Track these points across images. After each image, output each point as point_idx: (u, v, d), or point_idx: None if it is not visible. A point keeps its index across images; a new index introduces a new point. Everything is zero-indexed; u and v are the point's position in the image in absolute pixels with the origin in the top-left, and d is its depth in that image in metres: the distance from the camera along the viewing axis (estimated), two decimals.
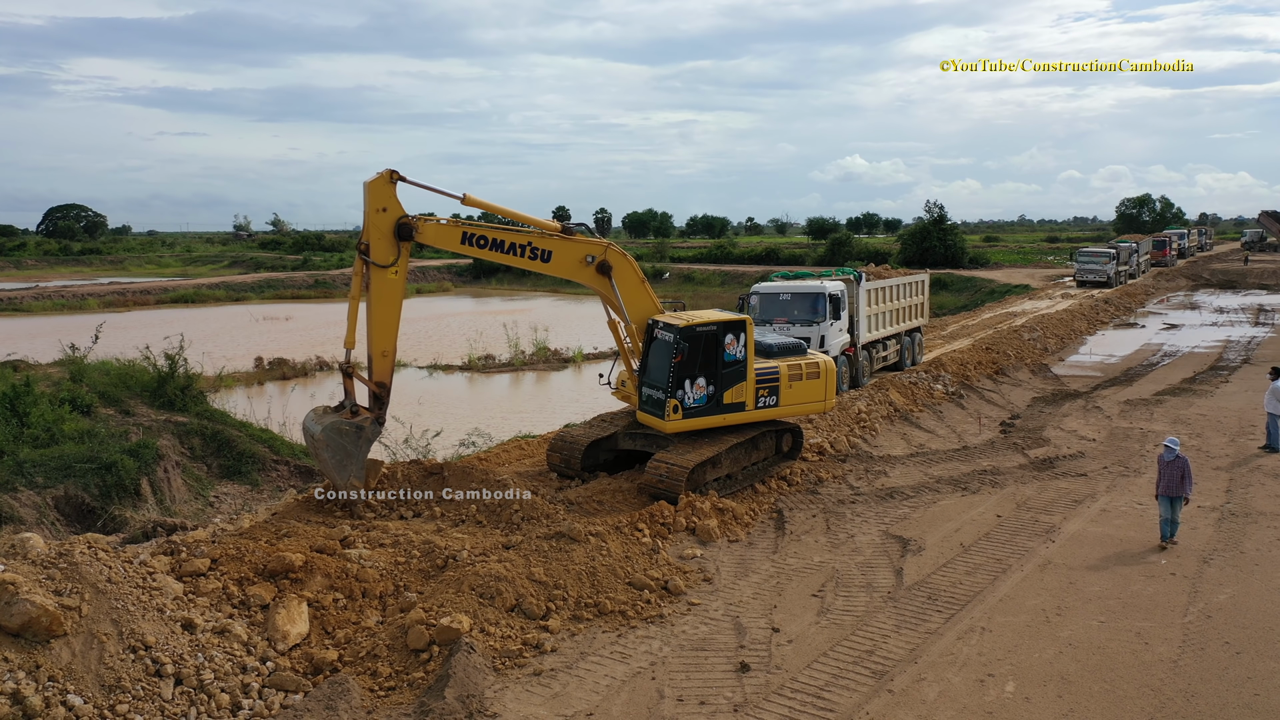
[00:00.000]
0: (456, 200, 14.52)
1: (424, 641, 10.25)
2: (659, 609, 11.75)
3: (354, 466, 14.03)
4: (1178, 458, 14.13)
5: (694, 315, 16.08)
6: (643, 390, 16.03)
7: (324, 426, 14.02)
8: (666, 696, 9.74)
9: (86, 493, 18.65)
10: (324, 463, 14.04)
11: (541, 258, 15.26)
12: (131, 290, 73.57)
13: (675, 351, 15.14)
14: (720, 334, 15.58)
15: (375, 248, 13.95)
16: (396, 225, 13.99)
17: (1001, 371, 29.46)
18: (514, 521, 13.76)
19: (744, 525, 15.00)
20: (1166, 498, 14.24)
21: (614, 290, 15.72)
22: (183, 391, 25.07)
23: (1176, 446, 14.18)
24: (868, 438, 20.67)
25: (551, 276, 16.07)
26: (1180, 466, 14.08)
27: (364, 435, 14.17)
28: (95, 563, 9.60)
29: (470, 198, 14.53)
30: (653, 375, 15.76)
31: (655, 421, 15.73)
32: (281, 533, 12.50)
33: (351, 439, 14.02)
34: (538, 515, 13.77)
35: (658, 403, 15.57)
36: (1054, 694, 9.87)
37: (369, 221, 13.93)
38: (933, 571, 13.23)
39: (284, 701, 9.35)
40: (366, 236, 13.96)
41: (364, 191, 13.95)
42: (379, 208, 13.93)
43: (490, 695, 9.63)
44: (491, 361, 40.42)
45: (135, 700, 8.70)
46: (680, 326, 15.26)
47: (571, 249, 15.49)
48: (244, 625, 10.28)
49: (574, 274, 15.60)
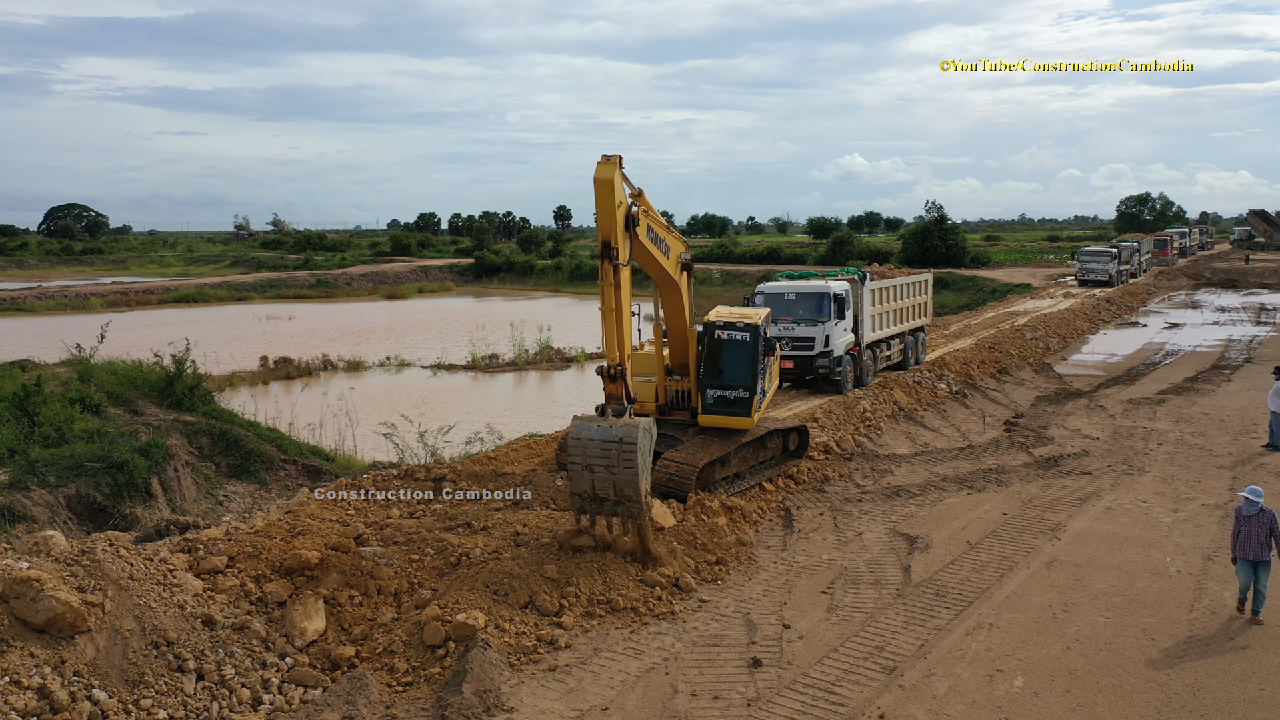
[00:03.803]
0: (631, 193, 13.28)
1: (440, 638, 10.39)
2: (670, 606, 11.88)
3: (647, 473, 12.53)
4: (1262, 510, 11.34)
5: (745, 313, 17.09)
6: (707, 393, 16.22)
7: (639, 428, 12.15)
8: (680, 691, 9.87)
9: (98, 492, 18.79)
10: (631, 469, 12.08)
11: (666, 253, 14.76)
12: (134, 290, 73.80)
13: (766, 348, 16.41)
14: (764, 329, 16.69)
15: (621, 246, 12.48)
16: (627, 216, 12.75)
17: (1004, 371, 29.59)
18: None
19: (752, 523, 15.13)
20: (1248, 562, 11.44)
21: (689, 288, 15.92)
22: (190, 391, 25.20)
23: (1260, 498, 11.37)
24: (873, 436, 20.80)
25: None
26: (1268, 522, 11.30)
27: (652, 437, 12.75)
28: (117, 560, 9.74)
29: (644, 195, 13.57)
30: (731, 375, 16.18)
31: (737, 421, 16.13)
32: (296, 530, 12.63)
33: (649, 440, 12.52)
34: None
35: (739, 401, 16.06)
36: (1062, 689, 10.00)
37: (612, 219, 12.35)
38: (940, 569, 13.36)
39: (304, 697, 9.49)
40: (612, 238, 12.32)
41: (598, 189, 12.29)
42: (620, 201, 12.52)
43: (506, 690, 9.76)
44: (495, 361, 40.55)
45: (158, 695, 8.84)
46: (758, 325, 16.28)
47: (678, 244, 15.42)
48: (262, 622, 10.43)
49: (674, 270, 15.15)
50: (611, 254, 12.26)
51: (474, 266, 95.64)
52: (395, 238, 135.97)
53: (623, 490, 12.10)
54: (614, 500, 12.21)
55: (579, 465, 12.28)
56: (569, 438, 12.40)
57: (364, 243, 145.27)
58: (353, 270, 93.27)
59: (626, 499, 12.14)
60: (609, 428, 12.13)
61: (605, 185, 12.25)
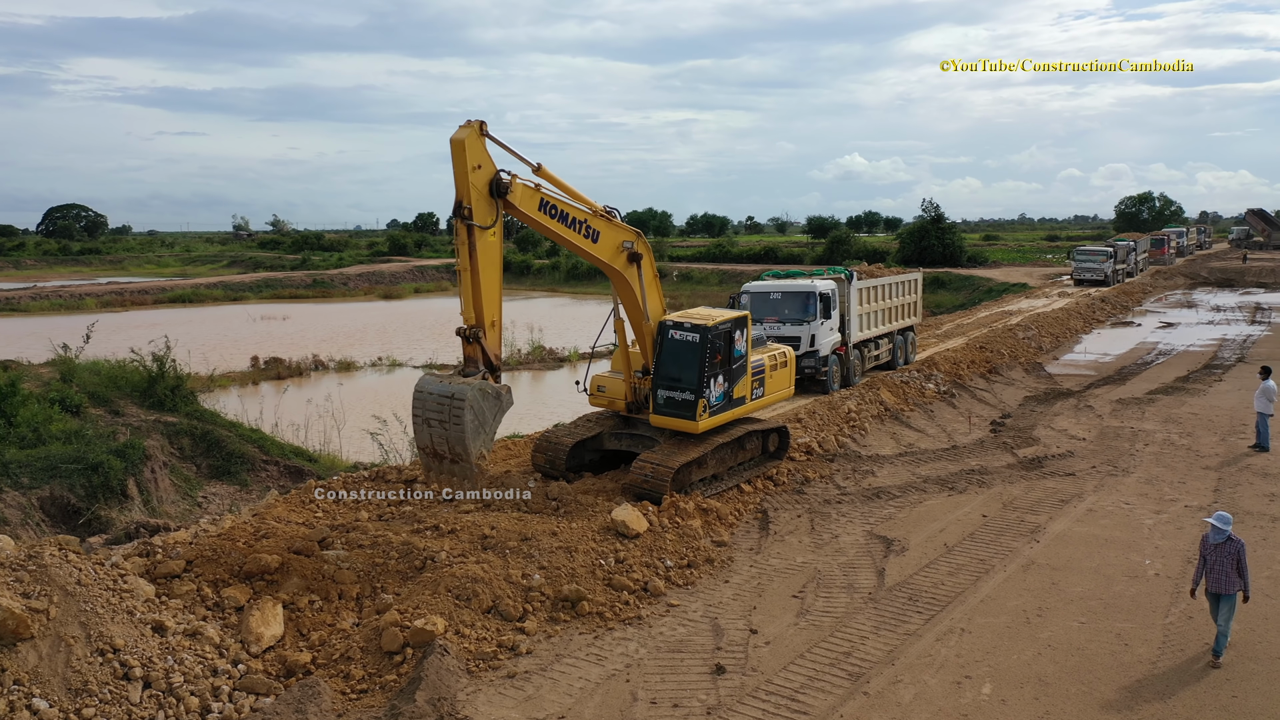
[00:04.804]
0: (529, 167, 13.95)
1: (398, 644, 10.19)
2: (637, 610, 11.69)
3: (485, 436, 13.11)
4: (1230, 539, 10.39)
5: (708, 314, 16.18)
6: (658, 393, 15.78)
7: (472, 388, 12.91)
8: (640, 699, 9.68)
9: (72, 493, 18.62)
10: (462, 426, 12.79)
11: (592, 238, 14.90)
12: (129, 290, 73.57)
13: (711, 351, 15.20)
14: (732, 331, 15.76)
15: (477, 208, 13.10)
16: (492, 182, 13.30)
17: (995, 370, 29.38)
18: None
19: (728, 526, 14.94)
20: (1214, 594, 10.46)
21: (640, 281, 15.63)
22: (173, 392, 25.02)
23: (1228, 525, 10.39)
24: (857, 437, 20.59)
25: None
26: (1234, 552, 10.36)
27: (502, 403, 13.40)
28: (65, 565, 9.54)
29: (544, 168, 13.98)
30: (676, 377, 15.45)
31: (682, 424, 15.41)
32: (260, 534, 12.43)
33: (493, 404, 13.14)
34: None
35: (685, 404, 15.31)
36: (1031, 696, 9.80)
37: (465, 181, 13.03)
38: (915, 572, 13.17)
39: (254, 705, 9.29)
40: (465, 198, 13.04)
41: (453, 149, 12.99)
42: (475, 164, 13.06)
43: (462, 698, 9.57)
44: None
45: (102, 704, 8.65)
46: (709, 326, 15.30)
47: (616, 233, 15.32)
48: (217, 628, 10.24)
49: (612, 259, 15.25)
50: (462, 213, 12.93)
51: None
52: (393, 238, 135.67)
53: (454, 447, 12.68)
54: (449, 458, 12.76)
55: (420, 419, 13.24)
56: (414, 390, 13.21)
57: (362, 243, 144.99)
58: (349, 270, 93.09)
59: (458, 456, 12.63)
60: (448, 384, 12.87)
61: (457, 145, 12.90)
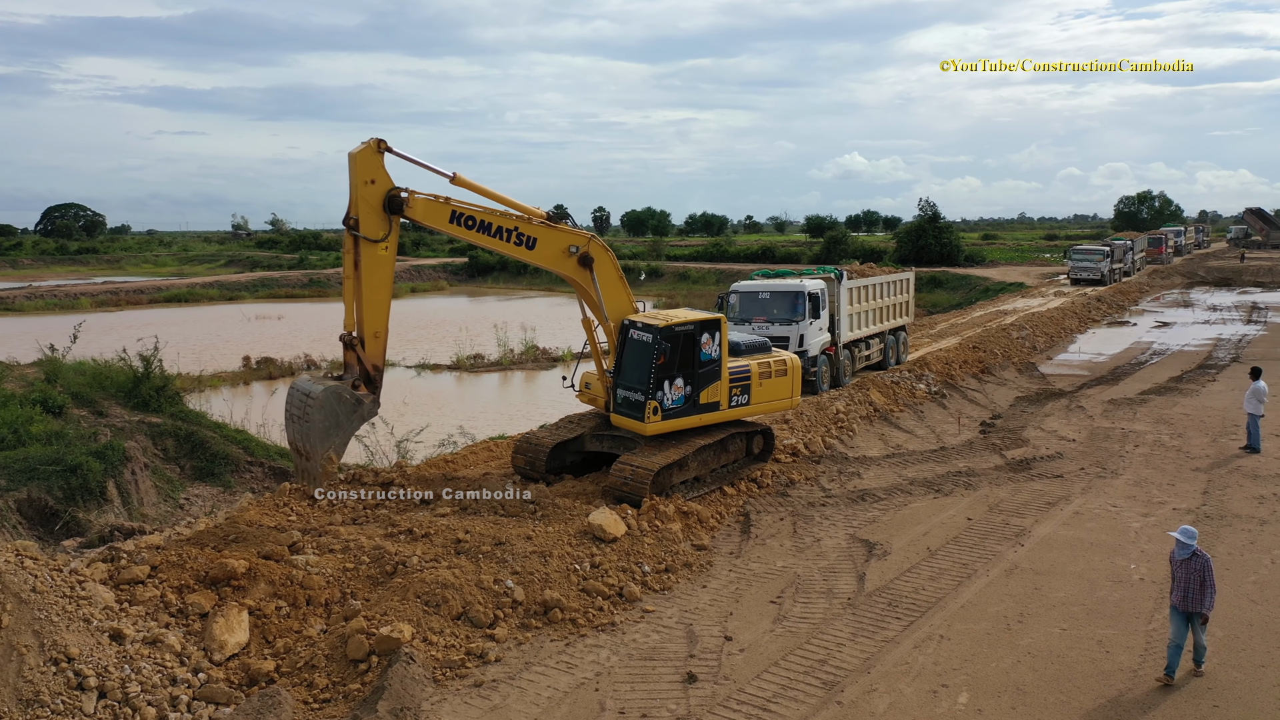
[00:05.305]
0: (445, 179, 14.12)
1: (363, 652, 9.99)
2: (611, 617, 11.49)
3: (338, 439, 13.62)
4: (1195, 554, 9.97)
5: (670, 315, 15.75)
6: (618, 392, 15.64)
7: (325, 388, 13.51)
8: (608, 709, 9.47)
9: (50, 495, 18.39)
10: (310, 425, 13.42)
11: (527, 244, 14.88)
12: (125, 290, 73.34)
13: (657, 352, 14.74)
14: (697, 333, 15.28)
15: (365, 222, 13.45)
16: (386, 198, 13.52)
17: (987, 370, 29.17)
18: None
19: (709, 529, 14.73)
20: (1180, 613, 10.03)
21: (594, 284, 15.43)
22: (158, 392, 24.81)
23: (1193, 540, 9.97)
24: (844, 438, 20.38)
25: (543, 272, 15.98)
26: (1199, 568, 9.95)
27: (361, 411, 13.91)
28: (20, 571, 9.34)
29: (460, 177, 14.12)
30: (630, 377, 15.24)
31: (634, 424, 15.19)
32: (229, 538, 12.24)
33: (349, 409, 13.62)
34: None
35: (636, 405, 15.10)
36: (1008, 705, 9.60)
37: (356, 194, 13.34)
38: (896, 577, 12.96)
39: (213, 714, 9.09)
40: (354, 210, 13.42)
41: (349, 162, 13.40)
42: (367, 179, 13.43)
43: (427, 708, 9.37)
44: (480, 361, 40.16)
45: (54, 715, 8.44)
46: (661, 327, 14.86)
47: (556, 238, 15.19)
48: (179, 635, 10.03)
49: (557, 264, 15.24)
50: (348, 223, 13.45)
51: (467, 266, 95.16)
52: None
53: (306, 443, 13.24)
54: (304, 455, 13.27)
55: (287, 414, 14.08)
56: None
57: None
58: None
59: (308, 454, 13.15)
60: (314, 383, 13.53)
61: (351, 159, 13.35)
